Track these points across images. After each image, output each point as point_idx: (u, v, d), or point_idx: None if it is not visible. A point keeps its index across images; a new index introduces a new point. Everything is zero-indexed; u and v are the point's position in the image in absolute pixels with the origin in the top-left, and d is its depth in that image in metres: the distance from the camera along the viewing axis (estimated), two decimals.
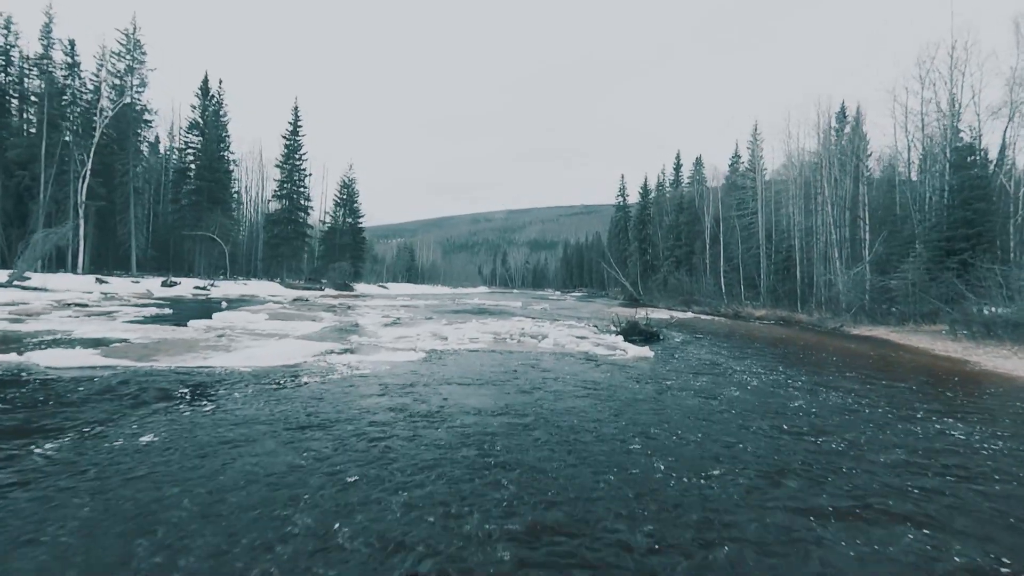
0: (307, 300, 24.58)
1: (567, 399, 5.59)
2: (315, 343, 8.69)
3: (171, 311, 14.21)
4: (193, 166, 33.68)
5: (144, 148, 32.67)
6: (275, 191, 39.05)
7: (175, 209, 34.07)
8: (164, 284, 29.07)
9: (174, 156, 35.90)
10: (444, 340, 9.90)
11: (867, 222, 23.98)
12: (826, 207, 25.81)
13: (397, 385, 5.79)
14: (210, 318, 11.83)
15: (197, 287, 29.54)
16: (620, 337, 11.38)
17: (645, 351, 8.94)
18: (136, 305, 15.46)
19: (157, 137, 37.79)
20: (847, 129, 30.44)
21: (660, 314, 27.26)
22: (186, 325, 10.60)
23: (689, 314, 29.27)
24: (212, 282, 31.26)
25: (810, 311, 25.45)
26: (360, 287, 47.69)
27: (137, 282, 28.46)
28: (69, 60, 25.94)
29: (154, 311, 13.78)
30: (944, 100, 21.92)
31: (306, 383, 5.65)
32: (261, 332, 10.09)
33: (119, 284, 25.84)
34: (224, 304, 17.79)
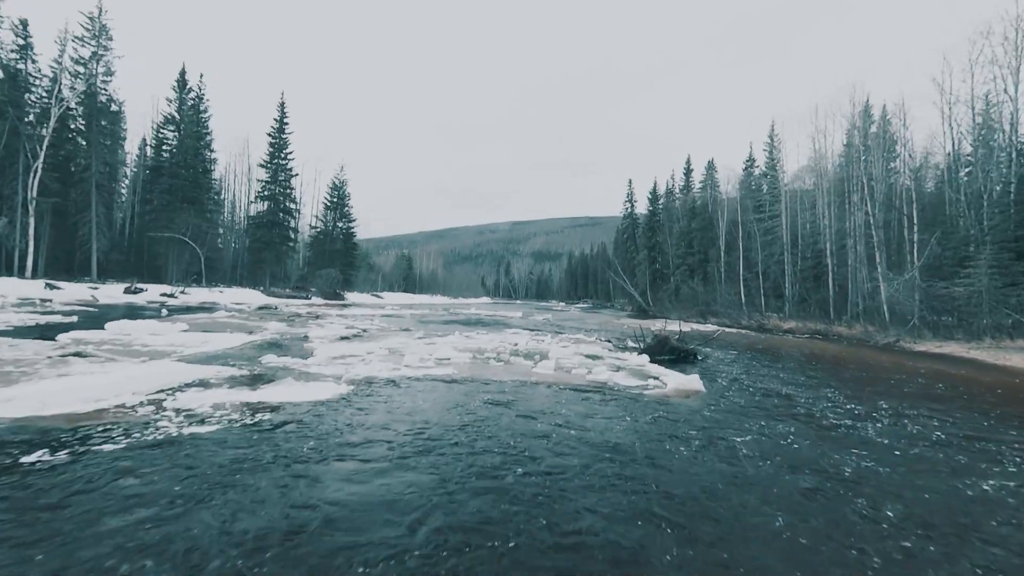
0: (274, 309, 21.75)
1: (571, 502, 2.64)
2: (198, 367, 5.80)
3: (77, 319, 11.39)
4: (171, 164, 31.12)
5: (110, 143, 30.17)
6: (259, 192, 36.44)
7: (149, 210, 31.49)
8: (127, 291, 26.45)
9: (150, 153, 33.34)
10: (399, 362, 6.97)
11: (915, 222, 20.96)
12: (864, 206, 22.82)
13: (228, 465, 2.86)
14: (102, 328, 9.01)
15: (164, 294, 26.90)
16: (645, 357, 8.41)
17: (691, 382, 5.95)
18: (41, 312, 12.68)
19: (145, 140, 35.54)
20: (873, 128, 27.48)
21: (679, 326, 24.21)
22: (53, 339, 7.75)
23: (709, 326, 26.17)
24: (182, 289, 28.56)
25: (849, 323, 22.34)
26: (352, 296, 44.93)
27: (96, 288, 25.83)
28: (21, 42, 23.65)
29: (49, 319, 10.96)
30: (1005, 80, 19.03)
31: (17, 468, 2.73)
32: (143, 348, 7.21)
33: (72, 290, 23.16)
34: (165, 312, 15.01)
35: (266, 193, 36.13)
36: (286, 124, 36.36)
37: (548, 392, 5.44)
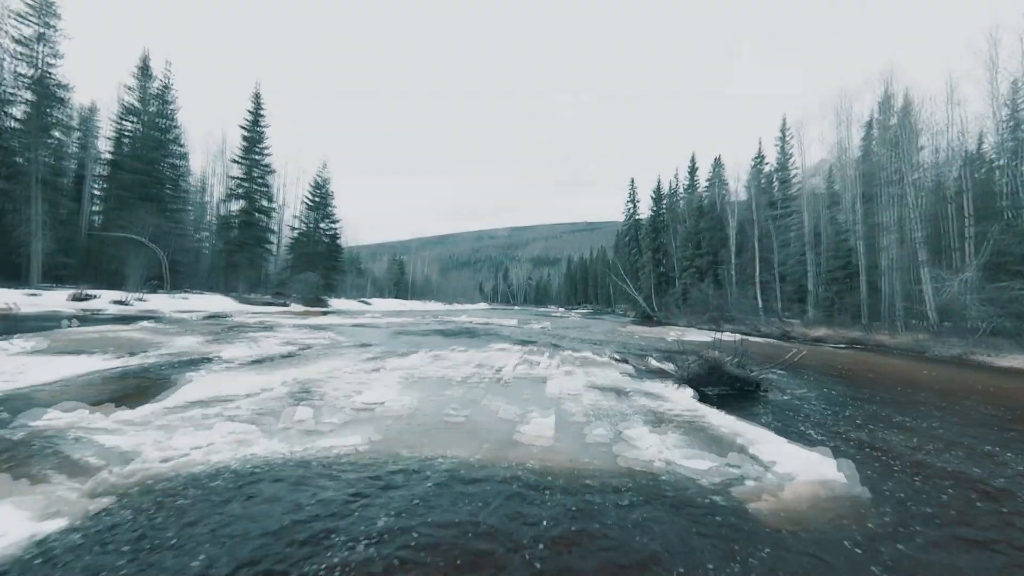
0: (226, 317, 18.80)
1: None
2: None
3: None
4: (127, 157, 28.14)
5: (66, 136, 27.35)
6: (231, 189, 33.44)
7: (107, 208, 28.55)
8: (74, 297, 23.61)
9: (107, 147, 30.28)
10: (290, 415, 4.02)
11: (970, 214, 18.16)
12: (906, 197, 20.00)
13: None
14: None
15: (115, 301, 24.00)
16: (689, 392, 5.53)
17: (820, 469, 3.01)
18: None
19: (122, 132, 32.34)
20: (893, 120, 24.55)
21: (693, 335, 21.35)
22: None
23: (727, 335, 23.17)
24: (139, 296, 25.63)
25: (892, 330, 19.48)
26: (337, 302, 42.01)
27: (36, 294, 22.96)
28: None
29: None
30: None
31: None
32: None
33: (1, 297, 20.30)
34: (73, 323, 12.06)
35: (239, 191, 33.17)
36: (261, 116, 33.47)
37: (538, 512, 2.51)
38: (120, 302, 23.91)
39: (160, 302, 25.76)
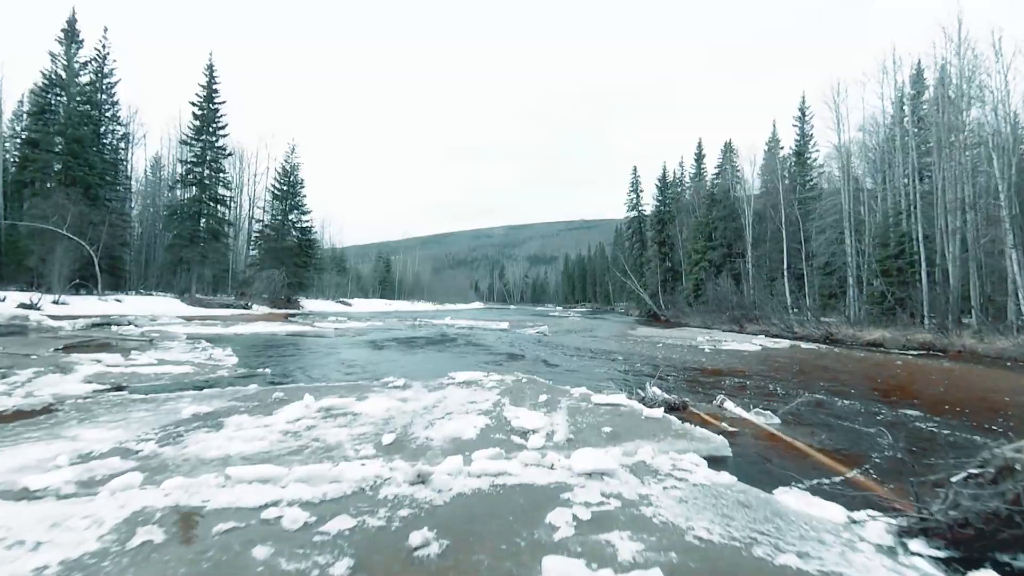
0: (122, 324, 14.69)
1: None
2: None
3: None
4: (50, 135, 23.91)
5: None
6: (180, 175, 29.23)
7: (25, 195, 24.34)
8: None
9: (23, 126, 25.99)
10: None
11: None
12: (992, 165, 16.07)
13: None
14: None
15: (22, 304, 19.85)
16: None
17: None
18: None
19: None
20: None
21: (730, 343, 17.33)
22: None
23: (762, 339, 19.28)
24: (55, 298, 21.50)
25: (978, 333, 15.55)
26: (313, 304, 37.93)
27: None
28: None
29: None
30: None
31: None
32: None
33: None
34: None
35: (190, 177, 28.94)
36: (216, 92, 29.22)
37: None
38: (27, 305, 19.78)
39: (82, 305, 21.63)
